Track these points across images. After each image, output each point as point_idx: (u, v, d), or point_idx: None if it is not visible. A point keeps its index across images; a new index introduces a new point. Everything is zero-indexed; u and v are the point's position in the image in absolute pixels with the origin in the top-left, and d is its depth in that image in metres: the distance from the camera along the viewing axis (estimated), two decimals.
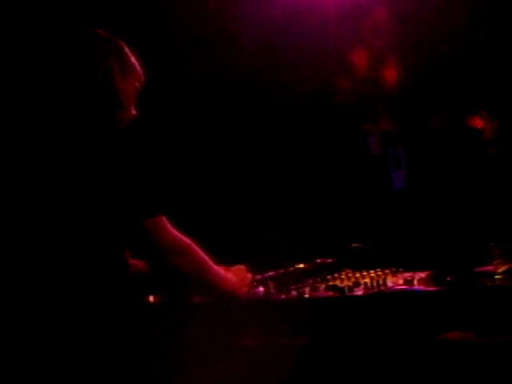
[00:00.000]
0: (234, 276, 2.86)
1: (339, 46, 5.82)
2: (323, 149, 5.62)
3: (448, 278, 3.02)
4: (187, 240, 2.65)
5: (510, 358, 2.60)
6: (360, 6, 5.61)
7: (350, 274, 3.16)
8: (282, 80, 5.26)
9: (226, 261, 2.89)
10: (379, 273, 3.12)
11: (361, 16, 5.73)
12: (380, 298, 2.86)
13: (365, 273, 3.15)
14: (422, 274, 3.09)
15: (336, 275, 3.17)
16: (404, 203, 5.21)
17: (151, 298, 2.99)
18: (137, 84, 2.76)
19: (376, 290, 2.92)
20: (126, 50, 2.74)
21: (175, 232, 2.62)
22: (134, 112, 2.78)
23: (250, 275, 2.97)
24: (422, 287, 2.94)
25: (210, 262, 2.72)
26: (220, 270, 2.78)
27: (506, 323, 2.64)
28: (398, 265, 3.28)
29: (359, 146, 5.97)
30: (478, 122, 5.74)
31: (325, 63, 5.59)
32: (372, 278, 3.03)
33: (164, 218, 2.58)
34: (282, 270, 3.19)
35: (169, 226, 2.60)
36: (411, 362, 2.72)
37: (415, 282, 2.97)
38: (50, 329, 2.48)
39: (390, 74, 6.03)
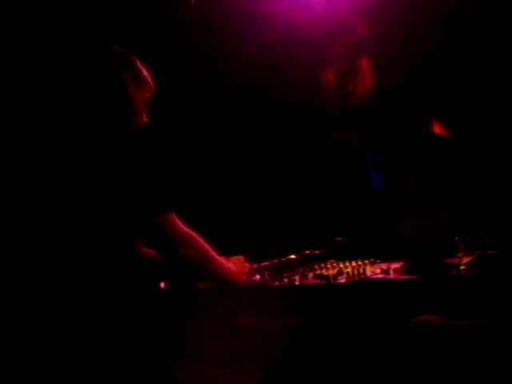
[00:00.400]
0: (233, 265, 2.88)
1: (326, 62, 5.87)
2: (313, 153, 5.64)
3: (420, 269, 3.03)
4: (193, 233, 2.65)
5: (473, 338, 2.64)
6: (343, 28, 5.64)
7: (334, 264, 3.19)
8: (276, 91, 5.29)
9: (227, 251, 2.91)
10: (360, 263, 3.17)
11: (344, 36, 5.77)
12: (360, 285, 2.89)
13: (347, 263, 3.17)
14: (397, 265, 3.13)
15: (322, 265, 3.21)
16: (382, 202, 5.23)
17: (162, 285, 3.01)
18: (148, 95, 2.76)
19: (357, 278, 2.95)
20: (138, 64, 2.74)
21: (183, 226, 2.62)
22: (145, 119, 2.78)
23: (248, 264, 3.00)
24: (396, 276, 2.97)
25: (213, 253, 2.72)
26: (222, 259, 2.79)
27: (469, 308, 2.67)
28: (376, 256, 3.33)
29: (344, 151, 6.01)
30: (439, 129, 5.79)
31: (314, 77, 5.63)
32: (353, 268, 3.05)
33: (173, 214, 2.59)
34: (275, 260, 3.22)
35: (178, 220, 2.60)
36: (387, 342, 2.75)
37: (391, 271, 3.01)
38: (66, 316, 2.47)
39: (370, 88, 6.07)
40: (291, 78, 5.48)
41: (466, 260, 3.08)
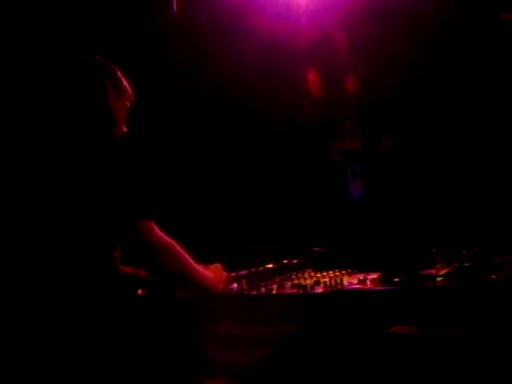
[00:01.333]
0: (211, 273, 2.89)
1: (308, 76, 5.89)
2: (293, 164, 5.66)
3: (396, 279, 3.05)
4: (171, 240, 2.67)
5: (449, 348, 2.63)
6: (326, 42, 5.67)
7: (311, 274, 3.20)
8: (257, 102, 5.30)
9: (205, 259, 2.92)
10: (337, 273, 3.15)
11: (327, 50, 5.79)
12: (337, 295, 2.89)
13: (324, 273, 3.18)
14: (374, 275, 3.11)
15: (300, 275, 3.20)
16: (360, 213, 5.24)
17: (140, 291, 3.02)
18: (127, 104, 2.79)
19: (334, 288, 2.95)
20: (119, 74, 2.77)
21: (161, 233, 2.64)
22: (125, 128, 2.80)
23: (225, 273, 3.01)
24: (373, 286, 2.98)
25: (191, 260, 2.75)
26: (199, 267, 2.80)
27: (445, 319, 2.69)
28: (353, 266, 3.31)
29: (323, 163, 6.03)
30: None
31: (296, 91, 5.65)
32: (331, 278, 3.06)
33: (152, 222, 2.61)
34: (253, 269, 3.21)
35: (156, 228, 2.62)
36: (362, 352, 2.73)
37: (368, 281, 3.01)
38: (45, 320, 2.50)
39: (349, 102, 6.10)
40: (273, 90, 5.50)
41: (442, 272, 3.12)
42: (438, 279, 3.01)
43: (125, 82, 2.81)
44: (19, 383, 2.53)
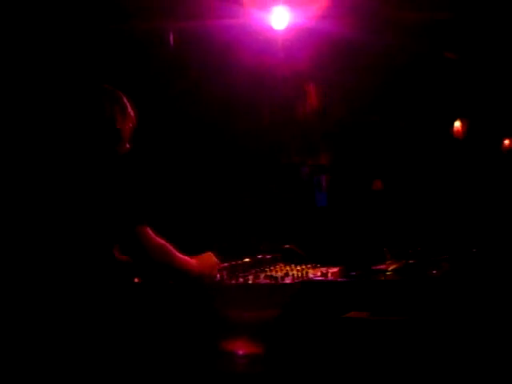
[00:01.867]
0: (203, 262, 2.88)
1: (283, 100, 5.90)
2: (267, 175, 5.67)
3: (353, 273, 3.06)
4: (165, 242, 2.68)
5: (396, 332, 2.63)
6: (299, 72, 5.68)
7: (282, 267, 3.17)
8: (239, 124, 5.31)
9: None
10: (303, 267, 3.13)
11: (299, 78, 5.81)
12: (303, 285, 2.87)
13: (293, 266, 3.16)
14: (335, 269, 3.11)
15: (272, 268, 3.18)
16: (324, 217, 5.24)
17: (136, 280, 2.99)
18: (131, 125, 2.81)
19: (300, 279, 2.94)
20: (125, 99, 2.79)
21: (156, 236, 2.65)
22: (128, 145, 2.82)
23: (216, 260, 2.98)
24: (333, 278, 2.98)
25: (184, 257, 2.75)
26: (192, 261, 2.80)
27: (393, 307, 2.68)
28: (317, 261, 3.30)
29: (293, 174, 6.04)
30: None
31: (272, 112, 5.66)
32: (298, 271, 3.04)
33: (148, 227, 2.62)
34: (232, 263, 3.18)
35: (151, 232, 2.63)
36: (324, 334, 2.72)
37: (329, 274, 3.00)
38: (47, 314, 2.48)
39: (317, 122, 6.12)
40: (254, 113, 5.51)
41: (391, 267, 3.10)
42: (388, 273, 3.00)
43: (129, 107, 2.82)
44: (21, 374, 2.48)
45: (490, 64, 6.48)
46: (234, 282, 2.96)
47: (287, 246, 3.26)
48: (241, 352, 2.84)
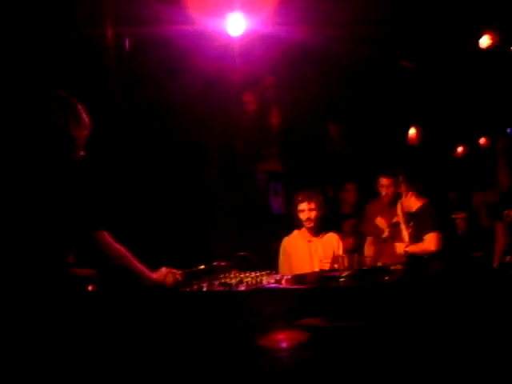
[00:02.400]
0: (156, 274, 2.87)
1: (240, 107, 5.93)
2: (226, 181, 5.70)
3: (307, 280, 3.08)
4: (121, 247, 2.68)
5: (350, 337, 2.67)
6: (254, 77, 5.71)
7: (237, 274, 3.17)
8: (197, 132, 5.33)
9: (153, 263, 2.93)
10: (257, 274, 3.15)
11: (256, 85, 5.84)
12: (257, 292, 2.88)
13: (247, 273, 3.17)
14: (288, 276, 3.14)
15: (227, 274, 3.18)
16: (280, 223, 5.26)
17: (90, 287, 2.99)
18: (85, 132, 2.82)
19: (254, 286, 2.95)
20: (79, 107, 2.79)
21: (112, 241, 2.66)
22: (82, 152, 2.82)
23: (169, 272, 2.94)
24: (287, 285, 2.99)
25: (138, 263, 2.74)
26: (144, 268, 2.78)
27: (345, 313, 2.71)
28: (271, 268, 3.34)
29: (250, 181, 6.07)
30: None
31: (229, 121, 5.68)
32: (252, 278, 3.05)
33: (106, 232, 2.63)
34: (188, 270, 3.13)
35: (109, 236, 2.64)
36: (277, 339, 2.73)
37: (283, 281, 3.03)
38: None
39: (274, 131, 6.17)
40: (210, 120, 5.52)
41: (344, 274, 3.12)
42: (341, 280, 3.03)
43: (84, 114, 2.82)
44: None
45: (445, 72, 6.60)
46: (188, 288, 2.96)
47: (241, 253, 3.26)
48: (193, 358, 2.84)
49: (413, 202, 4.51)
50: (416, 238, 4.30)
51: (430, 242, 4.07)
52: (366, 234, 5.09)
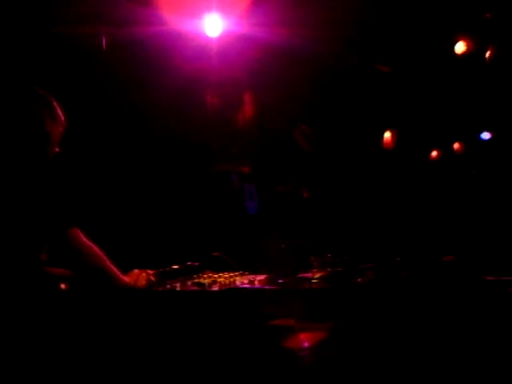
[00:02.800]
0: (127, 277, 2.90)
1: (216, 109, 5.93)
2: (200, 183, 5.69)
3: (280, 280, 3.10)
4: (94, 246, 2.70)
5: (321, 339, 2.69)
6: (231, 77, 5.71)
7: (210, 275, 3.18)
8: (173, 132, 5.33)
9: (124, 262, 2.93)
10: (231, 274, 3.16)
11: (233, 86, 5.84)
12: (230, 292, 2.90)
13: (221, 274, 3.17)
14: (262, 277, 3.14)
15: (200, 275, 3.18)
16: (255, 224, 5.27)
17: (62, 286, 2.98)
18: (61, 129, 2.82)
19: (228, 287, 2.97)
20: (55, 103, 2.80)
21: (85, 239, 2.67)
22: (57, 149, 2.83)
23: (140, 274, 2.99)
24: (260, 286, 3.00)
25: (110, 263, 2.76)
26: (115, 268, 2.80)
27: (319, 314, 2.73)
28: (245, 269, 3.33)
29: (225, 182, 6.07)
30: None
31: (204, 121, 5.68)
32: (226, 278, 3.06)
33: (78, 229, 2.64)
34: (161, 270, 3.17)
35: (82, 234, 2.65)
36: (249, 342, 2.75)
37: (256, 282, 3.03)
38: None
39: (249, 134, 6.17)
40: (185, 120, 5.52)
41: (317, 275, 3.15)
42: (314, 281, 3.05)
43: (59, 111, 2.83)
44: None
45: (420, 76, 6.65)
46: (161, 288, 2.97)
47: (215, 253, 3.27)
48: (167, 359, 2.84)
49: None
50: None
51: None
52: None
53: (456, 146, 8.69)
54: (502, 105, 7.06)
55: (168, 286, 2.98)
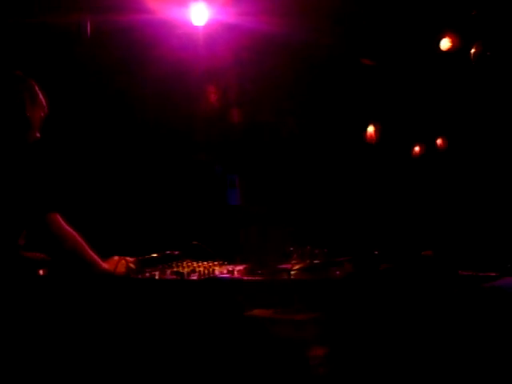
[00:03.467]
0: (107, 264, 2.88)
1: (202, 94, 5.93)
2: (184, 172, 5.70)
3: (259, 271, 3.11)
4: (73, 231, 2.69)
5: (299, 330, 2.71)
6: (218, 67, 5.72)
7: (189, 264, 3.16)
8: (158, 122, 5.33)
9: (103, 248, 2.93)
10: (210, 264, 3.16)
11: (217, 78, 5.85)
12: (209, 282, 2.91)
13: (200, 263, 3.17)
14: (241, 267, 3.15)
15: (179, 263, 3.18)
16: (236, 214, 5.29)
17: (41, 272, 2.97)
18: (42, 114, 2.80)
19: (207, 276, 2.98)
20: (36, 88, 2.78)
21: (65, 225, 2.66)
22: (38, 134, 2.81)
23: (119, 261, 2.96)
24: (239, 276, 3.01)
25: (89, 249, 2.75)
26: (95, 255, 2.80)
27: (296, 305, 2.76)
28: (225, 259, 3.34)
29: (206, 172, 6.08)
30: None
31: (190, 111, 5.69)
32: (205, 268, 3.06)
33: (58, 215, 2.63)
34: (140, 257, 3.16)
35: (61, 220, 2.64)
36: (225, 331, 2.77)
37: (235, 272, 3.04)
38: None
39: (231, 122, 6.18)
40: (171, 110, 5.52)
41: (296, 266, 3.16)
42: (292, 273, 3.05)
43: (40, 95, 2.82)
44: None
45: (405, 71, 6.68)
46: (140, 276, 2.96)
47: (195, 242, 3.28)
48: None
49: None
50: None
51: None
52: None
53: (439, 141, 8.75)
54: (486, 101, 7.11)
55: (147, 274, 2.97)
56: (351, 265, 3.21)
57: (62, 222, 2.64)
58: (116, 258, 2.98)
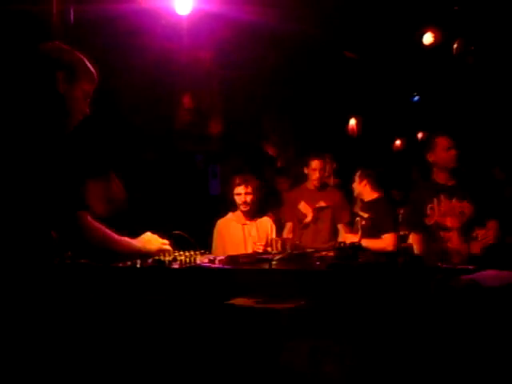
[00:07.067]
0: (138, 242, 2.66)
1: (183, 86, 5.95)
2: (166, 162, 5.72)
3: (240, 261, 3.18)
4: (100, 225, 2.38)
5: (279, 319, 2.71)
6: (199, 60, 5.75)
7: (171, 252, 3.08)
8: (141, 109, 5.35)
9: None
10: (192, 253, 3.16)
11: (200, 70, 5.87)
12: (190, 270, 2.95)
13: (182, 252, 3.15)
14: (222, 257, 3.19)
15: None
16: (217, 204, 5.31)
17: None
18: (86, 88, 2.46)
19: (188, 265, 3.01)
20: (76, 58, 2.43)
21: (94, 220, 2.35)
22: (86, 110, 2.52)
23: (155, 237, 2.79)
24: (220, 265, 3.04)
25: (121, 238, 2.48)
26: (126, 239, 2.54)
27: (276, 294, 2.77)
28: (206, 248, 3.38)
29: (189, 162, 6.10)
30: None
31: (172, 101, 5.70)
32: (186, 257, 3.08)
33: (87, 212, 2.33)
34: None
35: (91, 217, 2.36)
36: (206, 320, 2.80)
37: (216, 261, 3.07)
38: None
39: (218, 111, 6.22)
40: (153, 100, 5.53)
41: (277, 257, 3.21)
42: (273, 262, 3.11)
43: (83, 67, 2.44)
44: None
45: (387, 65, 6.74)
46: (121, 264, 2.97)
47: (177, 232, 3.30)
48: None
49: (367, 192, 4.67)
50: (369, 231, 4.51)
51: (389, 242, 4.43)
52: (286, 219, 5.03)
53: (420, 135, 8.84)
54: (468, 95, 7.19)
55: (128, 263, 2.98)
56: (331, 256, 3.27)
57: (92, 219, 2.38)
58: (149, 233, 2.81)
